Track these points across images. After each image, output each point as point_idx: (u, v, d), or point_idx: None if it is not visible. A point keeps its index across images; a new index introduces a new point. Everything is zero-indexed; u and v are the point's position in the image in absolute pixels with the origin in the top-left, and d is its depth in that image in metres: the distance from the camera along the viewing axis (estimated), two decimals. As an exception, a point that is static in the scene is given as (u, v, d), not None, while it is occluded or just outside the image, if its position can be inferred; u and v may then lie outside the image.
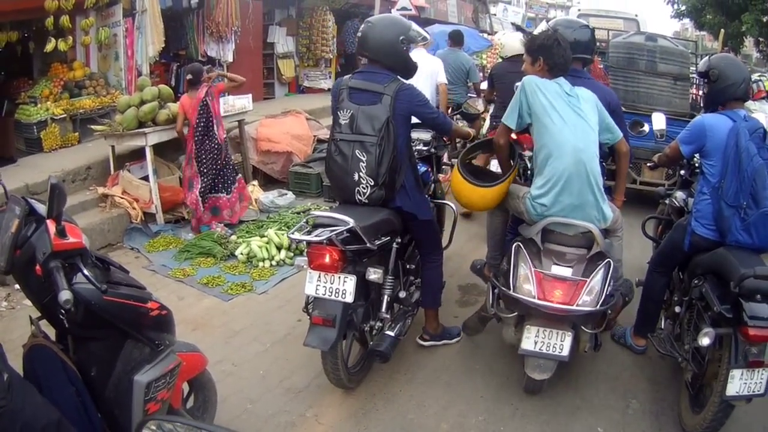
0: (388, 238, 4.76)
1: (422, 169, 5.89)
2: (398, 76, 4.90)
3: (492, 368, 5.40)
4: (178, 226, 8.86)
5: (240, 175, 9.12)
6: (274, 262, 7.49)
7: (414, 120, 5.01)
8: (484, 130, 9.63)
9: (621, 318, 5.85)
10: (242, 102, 10.50)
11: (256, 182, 10.28)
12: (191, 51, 13.89)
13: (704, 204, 4.75)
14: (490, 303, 5.00)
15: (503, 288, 4.59)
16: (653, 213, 6.76)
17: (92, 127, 9.71)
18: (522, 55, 7.81)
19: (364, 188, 4.72)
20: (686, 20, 29.75)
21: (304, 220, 4.64)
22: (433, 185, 6.39)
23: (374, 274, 4.60)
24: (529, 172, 5.24)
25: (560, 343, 4.39)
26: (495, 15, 30.99)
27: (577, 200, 4.57)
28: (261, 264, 7.44)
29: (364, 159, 4.66)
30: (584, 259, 4.59)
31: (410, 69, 5.07)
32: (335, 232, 4.22)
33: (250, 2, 14.64)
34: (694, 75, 12.04)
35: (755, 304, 4.02)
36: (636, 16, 19.11)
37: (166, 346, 3.47)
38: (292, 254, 7.64)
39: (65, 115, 10.61)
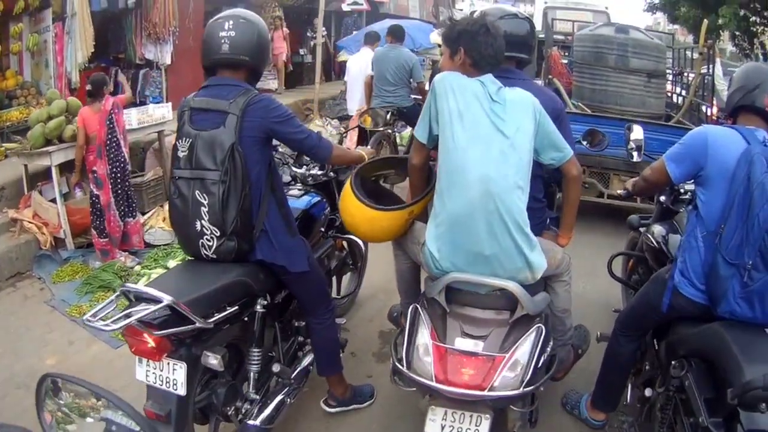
0: (236, 307, 3.76)
1: (314, 199, 5.09)
2: (251, 87, 3.90)
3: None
4: (90, 251, 8.41)
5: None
6: (175, 301, 7.04)
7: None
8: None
9: (576, 379, 5.03)
10: (161, 111, 9.98)
11: (176, 199, 9.81)
12: (130, 54, 13.45)
13: (694, 254, 3.60)
14: (390, 373, 3.83)
15: (397, 363, 3.54)
16: (624, 229, 5.86)
17: (5, 145, 9.40)
18: None
19: (209, 240, 3.75)
20: (659, 14, 29.27)
21: (119, 292, 3.58)
22: (337, 217, 5.33)
23: (213, 360, 3.56)
24: None
25: (475, 428, 3.37)
26: (461, 10, 30.00)
27: (488, 248, 3.46)
28: (160, 303, 6.99)
29: (205, 202, 3.69)
30: (506, 324, 3.52)
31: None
32: (141, 315, 3.19)
33: (191, 1, 14.20)
34: (670, 71, 11.44)
35: (758, 415, 2.98)
36: (606, 8, 18.73)
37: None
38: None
39: (-9, 129, 10.22)
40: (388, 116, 9.97)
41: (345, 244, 5.89)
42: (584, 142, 6.21)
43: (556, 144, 3.74)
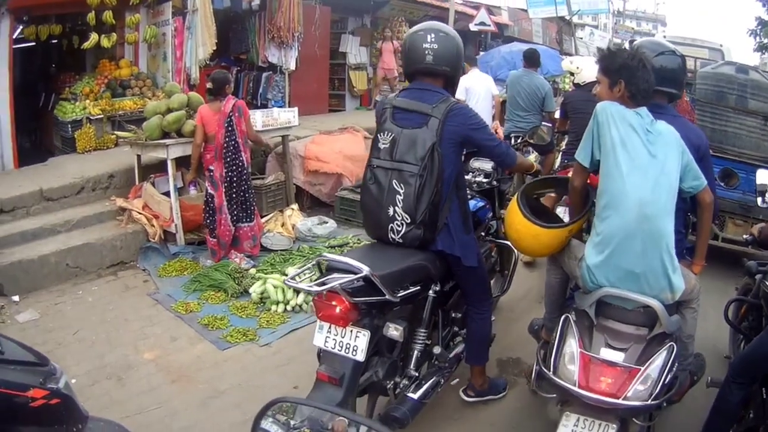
0: (418, 287, 4.09)
1: (479, 204, 5.38)
2: (449, 95, 4.22)
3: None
4: (200, 248, 7.97)
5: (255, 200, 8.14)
6: (289, 307, 6.46)
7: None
8: (556, 166, 8.48)
9: (683, 424, 4.83)
10: (287, 116, 9.53)
11: (295, 206, 9.28)
12: (252, 56, 13.20)
13: None
14: (533, 377, 4.39)
15: (543, 367, 3.83)
16: (734, 273, 5.77)
17: (117, 133, 9.10)
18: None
19: (399, 225, 4.07)
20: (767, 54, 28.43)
21: (314, 262, 3.88)
22: (495, 223, 5.81)
23: (394, 331, 3.92)
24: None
25: None
26: (581, 38, 30.11)
27: (639, 267, 3.70)
28: (273, 307, 6.46)
29: (401, 191, 4.02)
30: (643, 339, 3.74)
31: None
32: (342, 282, 3.55)
33: (317, 7, 13.77)
34: None
35: None
36: (721, 46, 18.08)
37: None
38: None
39: (102, 116, 10.01)
40: (516, 141, 9.38)
41: (496, 249, 6.01)
42: (721, 183, 6.93)
43: (695, 173, 3.94)
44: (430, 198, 4.00)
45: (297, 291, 6.53)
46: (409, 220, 4.03)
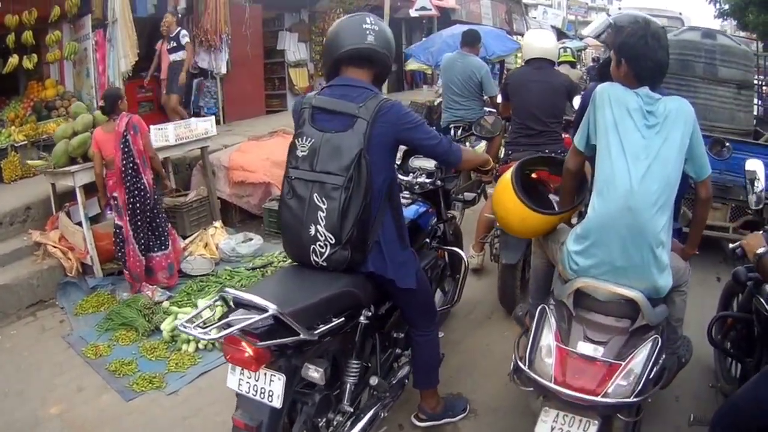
0: (342, 319, 3.59)
1: (421, 209, 5.01)
2: (378, 91, 3.78)
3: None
4: (120, 278, 7.60)
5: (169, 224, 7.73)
6: (201, 345, 6.00)
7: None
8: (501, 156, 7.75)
9: None
10: (204, 126, 9.09)
11: (218, 223, 8.85)
12: None
13: None
14: (511, 368, 3.97)
15: (518, 361, 3.69)
16: (719, 257, 5.64)
17: (28, 162, 8.81)
18: (547, 60, 6.69)
19: (322, 247, 3.61)
20: (726, 21, 28.30)
21: (219, 297, 3.42)
22: (442, 226, 5.47)
23: (314, 373, 3.46)
24: None
25: None
26: (534, 18, 29.94)
27: (620, 261, 3.56)
28: (184, 347, 6.02)
29: (324, 207, 3.57)
30: (625, 332, 3.59)
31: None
32: (244, 325, 3.02)
33: (246, 6, 13.47)
34: (759, 81, 10.28)
35: None
36: (680, 14, 18.00)
37: None
38: (228, 333, 6.28)
39: (26, 142, 9.71)
40: (459, 132, 8.96)
41: (446, 255, 5.72)
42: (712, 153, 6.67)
43: (700, 160, 3.77)
44: (358, 214, 3.58)
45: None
46: (333, 241, 3.61)
